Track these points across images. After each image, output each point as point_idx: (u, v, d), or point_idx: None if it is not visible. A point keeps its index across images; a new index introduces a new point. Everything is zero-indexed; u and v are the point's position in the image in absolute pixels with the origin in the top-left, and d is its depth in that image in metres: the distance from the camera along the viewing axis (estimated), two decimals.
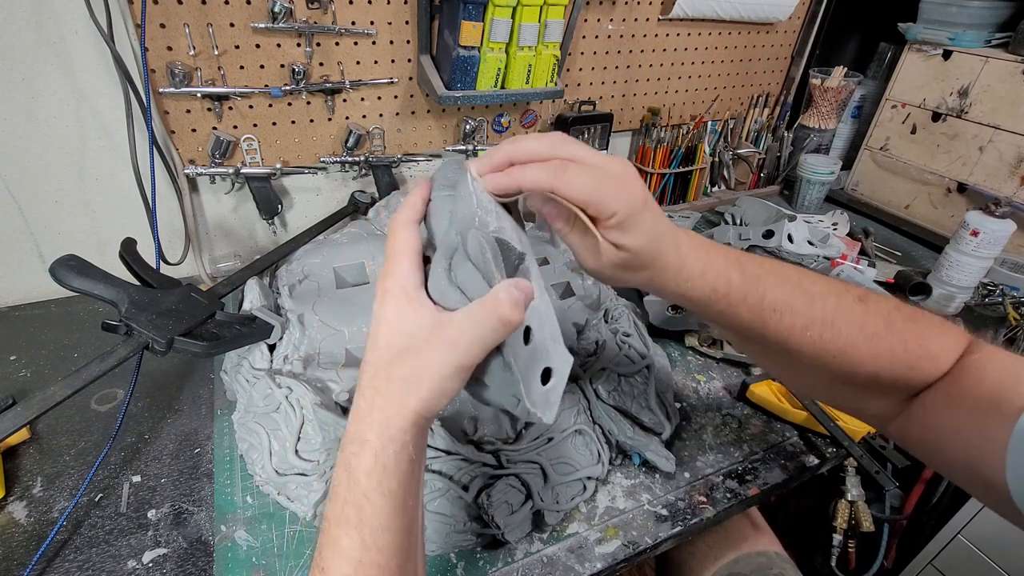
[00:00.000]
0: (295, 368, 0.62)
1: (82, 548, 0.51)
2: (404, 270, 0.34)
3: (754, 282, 0.40)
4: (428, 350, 0.31)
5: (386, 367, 0.33)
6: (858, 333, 0.40)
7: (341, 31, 0.81)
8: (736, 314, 0.41)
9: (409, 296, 0.33)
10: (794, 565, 0.72)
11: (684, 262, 0.39)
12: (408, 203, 0.37)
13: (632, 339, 0.72)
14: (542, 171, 0.35)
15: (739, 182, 1.29)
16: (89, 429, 0.63)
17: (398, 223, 0.36)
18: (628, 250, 0.37)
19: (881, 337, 0.40)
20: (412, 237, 0.35)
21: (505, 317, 0.30)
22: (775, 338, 0.41)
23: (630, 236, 0.36)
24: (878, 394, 0.42)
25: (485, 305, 0.30)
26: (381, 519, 0.31)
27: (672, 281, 0.39)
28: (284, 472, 0.55)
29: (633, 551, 0.54)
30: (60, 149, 0.76)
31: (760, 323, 0.40)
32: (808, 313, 0.40)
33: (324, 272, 0.73)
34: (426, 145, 0.99)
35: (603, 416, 0.62)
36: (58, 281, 0.54)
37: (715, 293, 0.40)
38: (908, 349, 0.40)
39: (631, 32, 1.05)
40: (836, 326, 0.40)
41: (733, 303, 0.40)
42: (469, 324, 0.31)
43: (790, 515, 1.07)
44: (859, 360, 0.40)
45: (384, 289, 0.34)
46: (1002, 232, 0.85)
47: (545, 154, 0.36)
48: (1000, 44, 1.06)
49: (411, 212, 0.37)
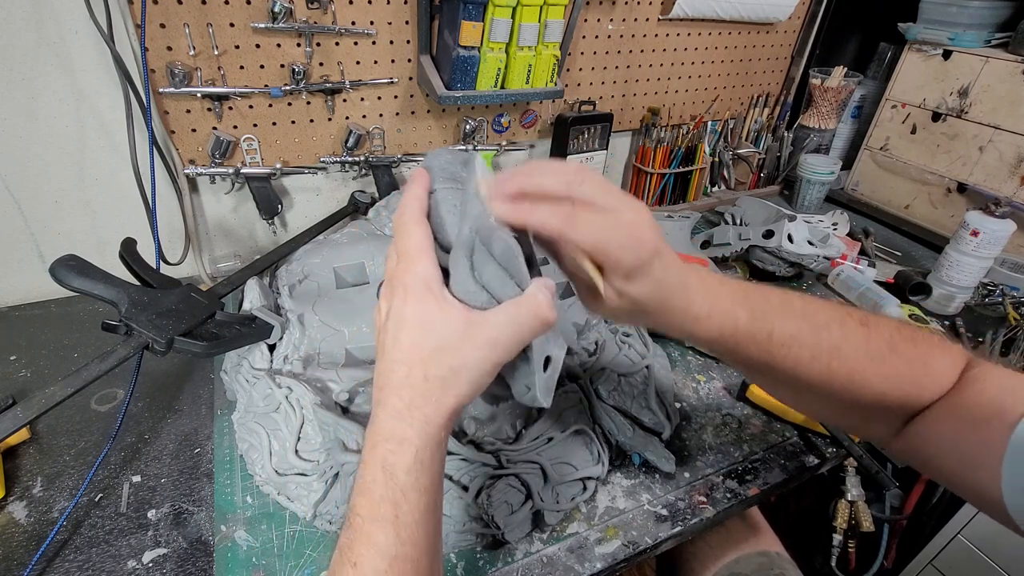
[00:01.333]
0: (295, 368, 0.62)
1: (82, 548, 0.51)
2: (425, 268, 0.34)
3: (761, 319, 0.40)
4: (466, 349, 0.32)
5: (421, 366, 0.33)
6: (863, 358, 0.41)
7: (341, 31, 0.81)
8: (744, 351, 0.41)
9: (435, 295, 0.33)
10: (795, 565, 0.72)
11: (690, 305, 0.38)
12: (413, 197, 0.36)
13: (632, 339, 0.72)
14: (553, 215, 0.33)
15: (739, 182, 1.29)
16: (89, 429, 0.63)
17: (408, 219, 0.35)
18: (632, 299, 0.36)
19: (886, 360, 0.41)
20: (427, 234, 0.35)
21: (544, 317, 0.32)
22: (783, 370, 0.41)
23: (635, 286, 0.35)
24: (884, 415, 0.43)
25: (524, 305, 0.32)
26: (416, 515, 0.32)
27: (678, 323, 0.39)
28: (284, 472, 0.55)
29: (633, 551, 0.54)
30: (60, 149, 0.76)
31: (768, 358, 0.41)
32: (814, 344, 0.40)
33: (324, 272, 0.73)
34: (426, 145, 0.99)
35: (603, 416, 0.62)
36: (58, 281, 0.54)
37: (721, 333, 0.39)
38: (912, 370, 0.41)
39: (631, 32, 1.05)
40: (842, 353, 0.40)
41: (741, 342, 0.40)
42: (509, 323, 0.32)
43: (790, 515, 1.07)
44: (866, 384, 0.41)
45: (405, 287, 0.33)
46: (1002, 232, 0.85)
47: (560, 192, 0.34)
48: (1000, 44, 1.06)
49: (419, 206, 0.36)
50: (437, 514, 0.34)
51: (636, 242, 0.34)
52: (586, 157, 1.07)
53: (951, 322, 0.90)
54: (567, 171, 0.35)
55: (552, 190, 0.34)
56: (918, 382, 0.41)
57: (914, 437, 0.42)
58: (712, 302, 0.39)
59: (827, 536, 0.81)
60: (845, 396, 0.41)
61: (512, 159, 1.11)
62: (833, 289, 0.96)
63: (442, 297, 0.33)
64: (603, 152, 1.09)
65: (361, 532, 0.32)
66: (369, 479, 0.32)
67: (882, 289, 0.90)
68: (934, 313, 0.92)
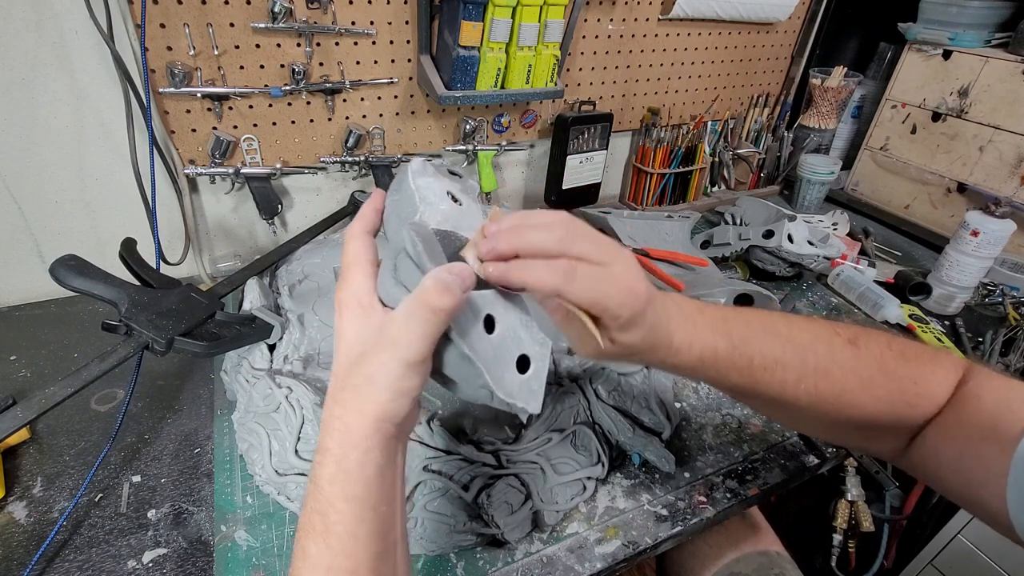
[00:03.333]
0: (295, 368, 0.62)
1: (82, 548, 0.51)
2: (356, 281, 0.34)
3: (742, 345, 0.40)
4: (376, 353, 0.32)
5: (343, 376, 0.33)
6: (852, 379, 0.41)
7: (341, 31, 0.81)
8: (726, 377, 0.41)
9: (362, 304, 0.34)
10: (795, 565, 0.72)
11: (672, 339, 0.39)
12: (360, 215, 0.38)
13: None
14: (550, 273, 0.33)
15: (739, 182, 1.29)
16: (89, 429, 0.63)
17: (349, 235, 0.37)
18: (626, 346, 0.37)
19: (876, 381, 0.41)
20: (363, 247, 0.36)
21: (433, 304, 0.29)
22: (768, 394, 0.41)
23: (629, 335, 0.36)
24: (881, 434, 0.43)
25: (415, 296, 0.30)
26: (347, 525, 0.31)
27: (662, 357, 0.40)
28: (284, 472, 0.55)
29: (633, 551, 0.54)
30: (60, 149, 0.76)
31: (751, 383, 0.41)
32: (800, 367, 0.41)
33: (324, 272, 0.73)
34: (426, 145, 0.99)
35: (603, 416, 0.62)
36: (58, 281, 0.54)
37: (702, 362, 0.40)
38: (904, 389, 0.41)
39: (631, 32, 1.05)
40: (830, 374, 0.40)
41: (721, 369, 0.40)
42: (405, 319, 0.31)
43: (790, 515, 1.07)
44: (856, 405, 0.41)
45: (340, 302, 0.34)
46: (1002, 232, 0.85)
47: (553, 250, 0.33)
48: (1000, 44, 1.06)
49: (362, 223, 0.37)
50: (380, 523, 0.33)
51: (632, 296, 0.35)
52: (586, 157, 1.07)
53: (951, 322, 0.90)
54: (557, 225, 0.34)
55: (547, 249, 0.33)
56: (910, 401, 0.41)
57: (919, 455, 0.42)
58: (692, 334, 0.39)
59: (827, 536, 0.81)
60: (837, 417, 0.42)
61: (512, 159, 1.11)
62: (833, 289, 0.96)
63: (369, 305, 0.34)
64: (603, 152, 1.09)
65: (299, 545, 0.32)
66: (305, 491, 0.33)
67: (882, 289, 0.90)
68: (934, 313, 0.92)
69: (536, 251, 0.34)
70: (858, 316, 0.90)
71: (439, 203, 0.36)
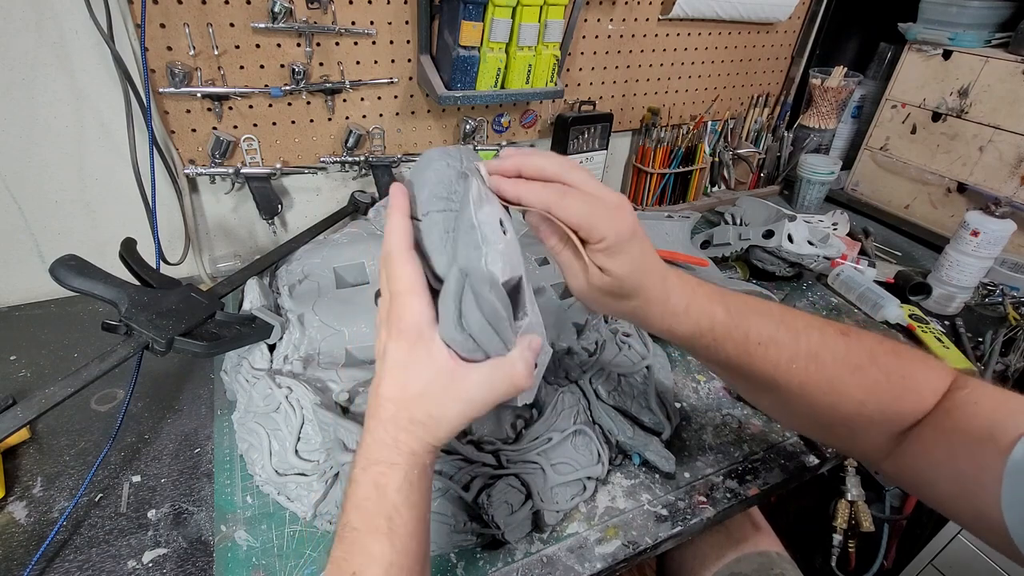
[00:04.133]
0: (295, 368, 0.62)
1: (82, 548, 0.51)
2: (417, 313, 0.35)
3: (738, 317, 0.41)
4: (445, 400, 0.35)
5: (406, 409, 0.35)
6: (842, 365, 0.41)
7: (341, 31, 0.81)
8: (722, 349, 0.42)
9: (424, 339, 0.35)
10: (795, 565, 0.72)
11: (668, 296, 0.40)
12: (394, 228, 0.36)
13: (632, 339, 0.72)
14: (544, 190, 0.37)
15: (739, 182, 1.29)
16: (89, 429, 0.63)
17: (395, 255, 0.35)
18: (613, 275, 0.38)
19: (865, 369, 0.41)
20: (417, 272, 0.35)
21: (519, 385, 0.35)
22: (761, 372, 0.42)
23: (616, 262, 0.38)
24: (867, 429, 0.43)
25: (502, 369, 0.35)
26: (409, 527, 0.35)
27: (657, 315, 0.41)
28: (284, 472, 0.55)
29: (633, 551, 0.54)
30: (60, 149, 0.76)
31: (746, 357, 0.42)
32: (792, 347, 0.41)
33: (324, 272, 0.73)
34: (426, 145, 0.99)
35: (603, 416, 0.62)
36: (58, 281, 0.54)
37: (699, 328, 0.41)
38: (892, 381, 0.41)
39: (631, 32, 1.05)
40: (820, 359, 0.41)
41: (718, 338, 0.41)
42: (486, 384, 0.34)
43: (790, 515, 1.07)
44: (844, 392, 0.41)
45: (399, 332, 0.35)
46: (1002, 232, 0.85)
47: (551, 174, 0.38)
48: (1000, 44, 1.06)
49: (404, 239, 0.36)
50: (426, 525, 0.37)
51: (617, 221, 0.37)
52: (586, 157, 1.07)
53: (951, 322, 0.90)
54: (560, 158, 0.39)
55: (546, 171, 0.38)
56: (898, 395, 0.41)
57: (905, 460, 0.42)
58: (690, 298, 0.41)
59: (827, 536, 0.81)
60: (825, 404, 0.42)
61: None
62: (833, 289, 0.96)
63: (431, 340, 0.35)
64: (603, 152, 1.09)
65: (358, 544, 0.34)
66: (363, 496, 0.35)
67: (882, 289, 0.90)
68: (934, 313, 0.92)
69: (537, 172, 0.38)
70: (858, 316, 0.90)
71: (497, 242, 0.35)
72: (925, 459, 0.40)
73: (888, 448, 0.43)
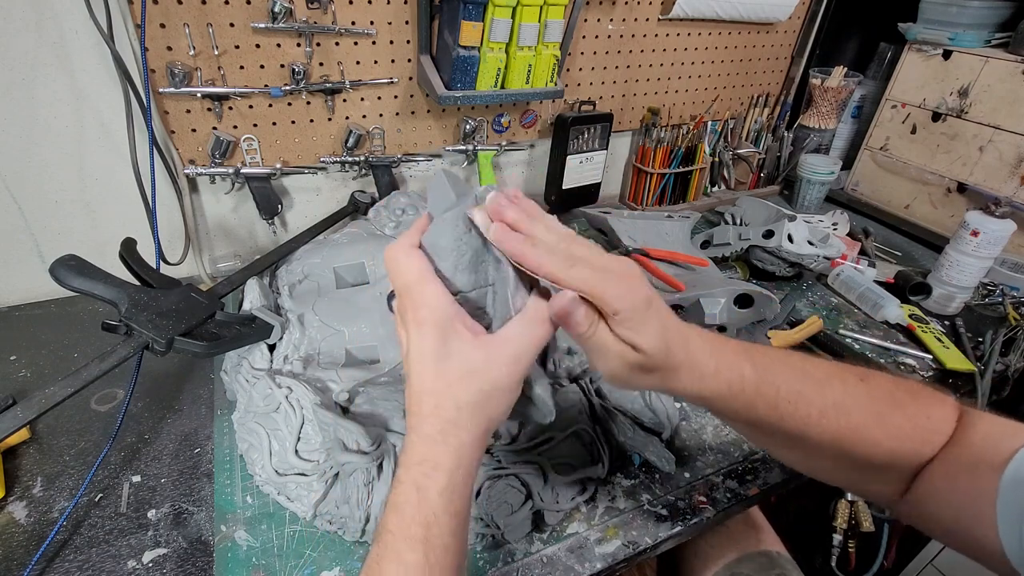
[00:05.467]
0: (295, 368, 0.62)
1: (82, 548, 0.51)
2: (435, 299, 0.34)
3: (765, 374, 0.39)
4: (492, 370, 0.34)
5: (450, 396, 0.34)
6: (868, 414, 0.40)
7: (341, 31, 0.81)
8: (754, 409, 0.40)
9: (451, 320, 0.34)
10: (796, 565, 0.72)
11: (695, 361, 0.38)
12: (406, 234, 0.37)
13: None
14: (550, 257, 0.34)
15: (739, 182, 1.29)
16: (89, 429, 0.63)
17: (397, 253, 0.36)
18: (640, 350, 0.35)
19: (890, 416, 0.40)
20: (426, 262, 0.35)
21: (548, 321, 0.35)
22: (793, 429, 0.40)
23: (640, 335, 0.35)
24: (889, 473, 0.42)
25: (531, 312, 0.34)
26: (445, 538, 0.33)
27: (686, 381, 0.38)
28: (284, 472, 0.55)
29: (633, 551, 0.54)
30: (60, 149, 0.76)
31: (777, 416, 0.40)
32: (820, 401, 0.40)
33: (324, 272, 0.73)
34: (426, 145, 0.99)
35: (603, 416, 0.62)
36: (58, 281, 0.54)
37: (731, 390, 0.39)
38: (916, 424, 0.40)
39: (631, 32, 1.05)
40: (848, 410, 0.40)
41: (749, 398, 0.39)
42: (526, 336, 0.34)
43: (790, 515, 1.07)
44: (873, 440, 0.40)
45: (420, 323, 0.34)
46: (1002, 232, 0.85)
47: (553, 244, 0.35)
48: (1000, 44, 1.06)
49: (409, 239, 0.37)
50: (465, 534, 0.35)
51: (629, 290, 0.34)
52: (586, 157, 1.07)
53: (951, 322, 0.90)
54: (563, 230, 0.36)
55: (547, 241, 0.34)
56: (922, 436, 0.40)
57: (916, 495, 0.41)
58: (718, 358, 0.38)
59: (827, 536, 0.81)
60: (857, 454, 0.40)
61: (512, 159, 1.11)
62: (833, 289, 0.96)
63: (458, 320, 0.34)
64: (603, 152, 1.09)
65: (391, 549, 0.33)
66: (402, 499, 0.33)
67: (882, 289, 0.90)
68: (934, 313, 0.92)
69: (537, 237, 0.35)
70: (858, 316, 0.90)
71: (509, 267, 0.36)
72: (930, 493, 0.40)
73: (903, 490, 0.42)
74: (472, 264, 0.36)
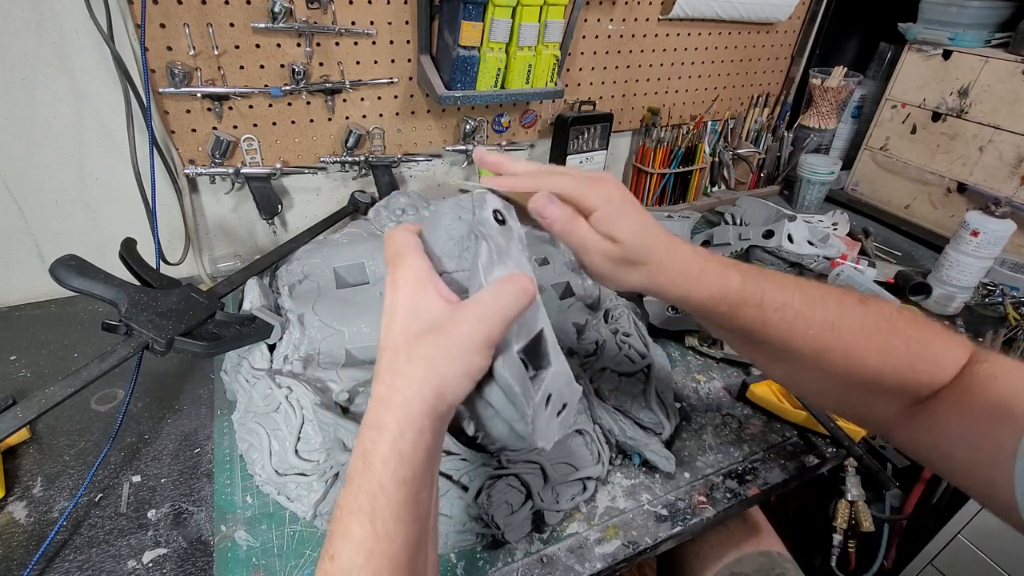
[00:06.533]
0: (295, 368, 0.62)
1: (82, 548, 0.51)
2: (414, 262, 0.35)
3: (753, 283, 0.41)
4: (453, 325, 0.32)
5: (407, 348, 0.32)
6: (859, 330, 0.41)
7: (341, 31, 0.81)
8: (738, 315, 0.41)
9: (424, 282, 0.35)
10: (796, 565, 0.72)
11: (680, 262, 0.41)
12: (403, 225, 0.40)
13: (632, 339, 0.72)
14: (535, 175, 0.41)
15: (739, 182, 1.29)
16: (89, 429, 0.63)
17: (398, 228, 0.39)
18: (619, 240, 0.39)
19: (882, 335, 0.41)
20: (413, 238, 0.37)
21: (526, 287, 0.33)
22: (778, 339, 0.42)
23: (617, 227, 0.39)
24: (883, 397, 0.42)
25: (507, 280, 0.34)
26: (394, 509, 0.30)
27: (671, 280, 0.41)
28: (284, 472, 0.55)
29: (633, 551, 0.54)
30: (60, 149, 0.76)
31: (762, 323, 0.41)
32: (809, 313, 0.41)
33: (324, 272, 0.73)
34: (426, 145, 0.99)
35: (603, 416, 0.62)
36: (58, 281, 0.54)
37: (714, 294, 0.41)
38: (910, 349, 0.41)
39: (631, 32, 1.05)
40: (837, 326, 0.41)
41: (735, 304, 0.41)
42: (496, 296, 0.33)
43: (790, 515, 1.07)
44: (861, 358, 0.41)
45: (395, 280, 0.35)
46: (1002, 232, 0.85)
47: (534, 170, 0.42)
48: (1000, 44, 1.06)
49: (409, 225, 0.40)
50: (420, 508, 0.32)
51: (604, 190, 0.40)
52: (586, 157, 1.07)
53: (951, 322, 0.90)
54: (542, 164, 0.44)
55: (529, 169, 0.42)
56: (916, 364, 0.41)
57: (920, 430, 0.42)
58: (703, 265, 0.41)
59: (827, 536, 0.81)
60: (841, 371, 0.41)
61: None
62: None
63: (432, 283, 0.35)
64: (603, 152, 1.09)
65: (340, 524, 0.31)
66: (351, 468, 0.32)
67: (882, 289, 0.90)
68: (934, 313, 0.92)
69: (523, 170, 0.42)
70: None
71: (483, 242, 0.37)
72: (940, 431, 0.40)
73: (902, 417, 0.43)
74: (458, 247, 0.38)
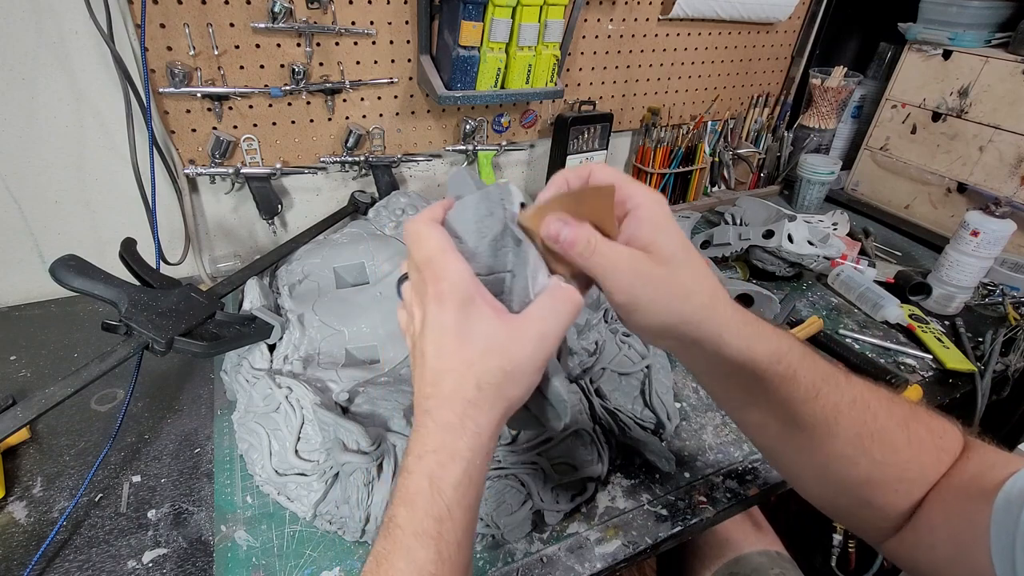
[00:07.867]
0: (295, 368, 0.62)
1: (82, 548, 0.51)
2: (457, 272, 0.32)
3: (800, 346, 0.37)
4: (515, 348, 0.31)
5: (472, 374, 0.31)
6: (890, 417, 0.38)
7: (341, 31, 0.81)
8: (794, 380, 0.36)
9: (471, 296, 0.32)
10: (795, 565, 0.72)
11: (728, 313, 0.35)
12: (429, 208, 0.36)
13: (632, 339, 0.72)
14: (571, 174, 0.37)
15: (739, 182, 1.29)
16: (89, 429, 0.63)
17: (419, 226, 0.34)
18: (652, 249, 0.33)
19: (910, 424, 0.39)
20: (444, 235, 0.34)
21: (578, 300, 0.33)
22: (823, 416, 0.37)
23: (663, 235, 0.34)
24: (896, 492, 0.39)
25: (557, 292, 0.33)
26: (458, 534, 0.31)
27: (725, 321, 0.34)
28: (284, 472, 0.55)
29: (633, 551, 0.54)
30: (60, 149, 0.76)
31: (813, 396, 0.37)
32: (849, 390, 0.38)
33: (324, 272, 0.73)
34: (426, 145, 0.99)
35: (603, 416, 0.62)
36: (58, 281, 0.54)
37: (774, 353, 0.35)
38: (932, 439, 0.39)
39: (631, 32, 1.05)
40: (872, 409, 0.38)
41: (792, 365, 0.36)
42: (552, 315, 0.32)
43: (790, 515, 1.07)
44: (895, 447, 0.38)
45: (440, 295, 0.32)
46: (1002, 232, 0.85)
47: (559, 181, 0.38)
48: (1000, 44, 1.06)
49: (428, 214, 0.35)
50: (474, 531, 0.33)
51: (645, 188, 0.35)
52: (586, 157, 1.07)
53: (951, 322, 0.90)
54: None
55: None
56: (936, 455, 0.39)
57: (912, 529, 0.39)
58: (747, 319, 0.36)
59: (827, 536, 0.81)
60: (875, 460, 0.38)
61: (512, 159, 1.11)
62: (833, 289, 0.96)
63: (479, 295, 0.32)
64: (603, 152, 1.09)
65: (401, 544, 0.30)
66: (414, 490, 0.31)
67: (882, 289, 0.90)
68: (934, 313, 0.92)
69: None
70: (858, 316, 0.90)
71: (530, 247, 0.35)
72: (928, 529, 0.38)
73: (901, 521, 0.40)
74: (492, 248, 0.34)
